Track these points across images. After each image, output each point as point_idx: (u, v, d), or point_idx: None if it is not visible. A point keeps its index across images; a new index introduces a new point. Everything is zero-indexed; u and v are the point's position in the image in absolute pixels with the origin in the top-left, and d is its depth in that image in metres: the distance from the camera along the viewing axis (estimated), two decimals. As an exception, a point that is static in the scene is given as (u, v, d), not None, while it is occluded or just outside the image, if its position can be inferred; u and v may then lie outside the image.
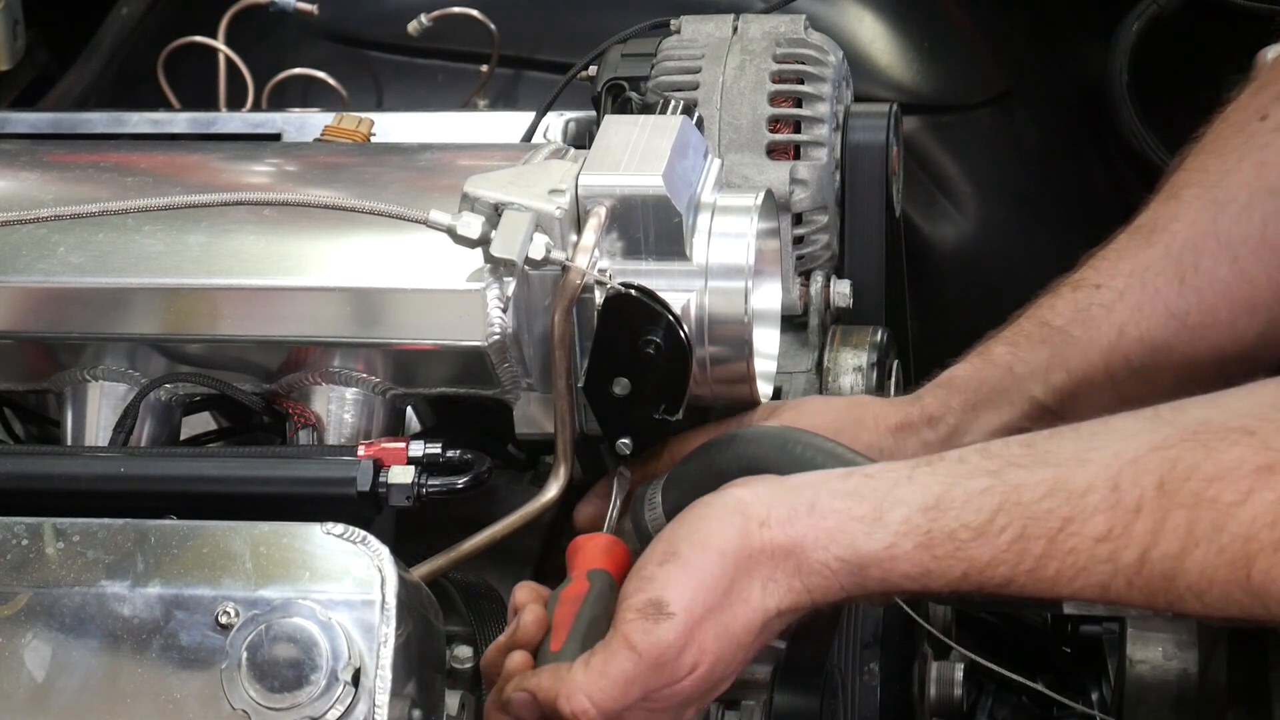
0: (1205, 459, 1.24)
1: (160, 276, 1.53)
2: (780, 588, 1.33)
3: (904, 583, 1.31)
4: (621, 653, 1.32)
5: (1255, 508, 1.21)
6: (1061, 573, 1.27)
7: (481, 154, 1.68)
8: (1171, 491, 1.24)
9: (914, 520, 1.30)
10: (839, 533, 1.31)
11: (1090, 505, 1.26)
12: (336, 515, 1.39)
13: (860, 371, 1.76)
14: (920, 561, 1.30)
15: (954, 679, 1.72)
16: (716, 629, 1.32)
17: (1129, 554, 1.25)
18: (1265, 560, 1.21)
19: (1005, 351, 1.60)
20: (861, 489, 1.32)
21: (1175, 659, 1.76)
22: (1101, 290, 1.57)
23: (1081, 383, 1.56)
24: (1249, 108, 1.56)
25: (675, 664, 1.32)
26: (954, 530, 1.29)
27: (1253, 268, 1.52)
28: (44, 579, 1.37)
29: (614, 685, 1.32)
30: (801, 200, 1.77)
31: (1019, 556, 1.28)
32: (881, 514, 1.31)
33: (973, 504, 1.29)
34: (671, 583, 1.32)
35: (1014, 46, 2.50)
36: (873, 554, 1.30)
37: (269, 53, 2.33)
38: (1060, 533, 1.27)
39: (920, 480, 1.31)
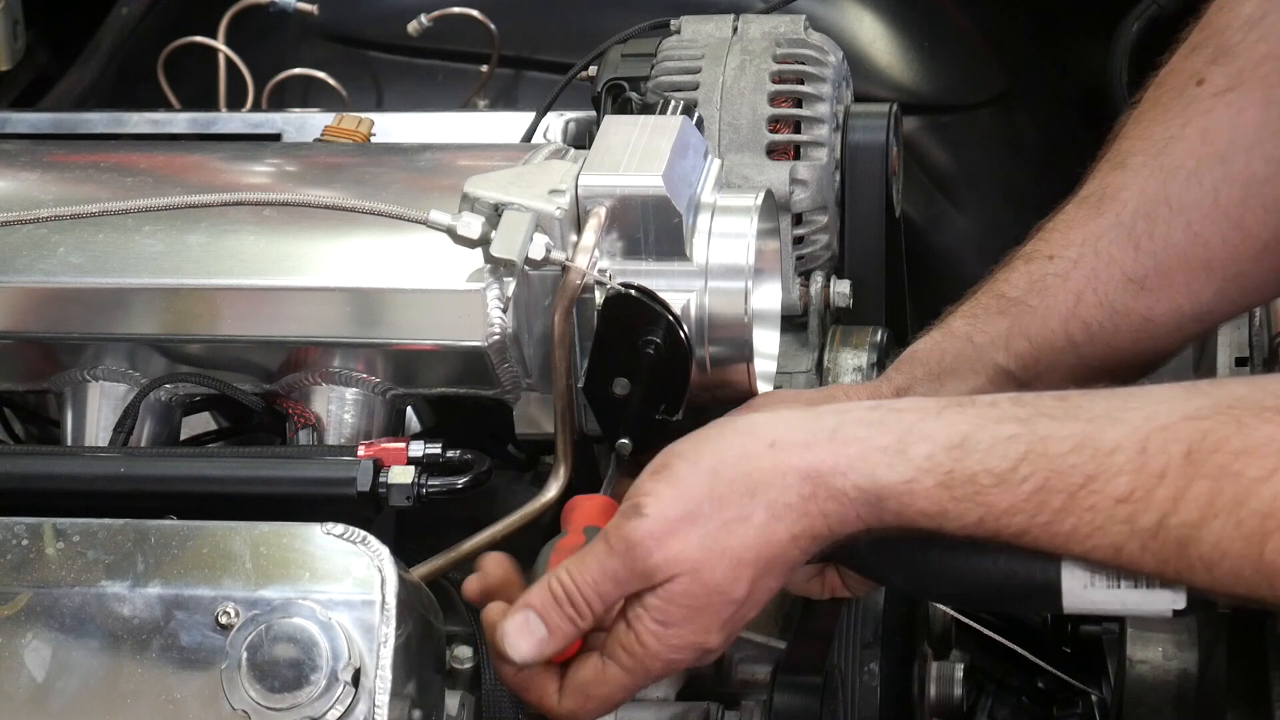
0: (1236, 433, 1.24)
1: (160, 276, 1.53)
2: (794, 512, 1.31)
3: (920, 519, 1.30)
4: (597, 544, 1.33)
5: (1278, 486, 1.21)
6: (1078, 529, 1.27)
7: (481, 154, 1.68)
8: (1198, 461, 1.24)
9: (937, 457, 1.29)
10: (860, 460, 1.30)
11: (1115, 465, 1.26)
12: (336, 515, 1.39)
13: (860, 371, 1.76)
14: (938, 500, 1.29)
15: (954, 679, 1.72)
16: (702, 539, 1.31)
17: (1147, 518, 1.25)
18: (1278, 540, 1.21)
19: (964, 324, 1.61)
20: (887, 420, 1.32)
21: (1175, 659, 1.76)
22: (1055, 260, 1.58)
23: (1043, 348, 1.58)
24: (1184, 71, 1.57)
25: (648, 561, 1.31)
26: (976, 473, 1.28)
27: (1206, 231, 1.53)
28: (44, 579, 1.37)
29: (588, 568, 1.33)
30: (801, 200, 1.77)
31: (1038, 508, 1.27)
32: (905, 447, 1.30)
33: (998, 449, 1.28)
34: (652, 490, 1.32)
35: (1014, 46, 2.50)
36: (891, 486, 1.29)
37: (269, 53, 2.33)
38: (1082, 489, 1.26)
39: (948, 418, 1.31)
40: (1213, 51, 1.55)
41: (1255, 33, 1.53)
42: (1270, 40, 1.52)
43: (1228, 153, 1.52)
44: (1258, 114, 1.52)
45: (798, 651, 1.51)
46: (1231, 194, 1.52)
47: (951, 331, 1.61)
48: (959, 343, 1.60)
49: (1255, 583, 1.23)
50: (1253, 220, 1.52)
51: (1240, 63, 1.53)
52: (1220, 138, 1.53)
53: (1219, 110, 1.53)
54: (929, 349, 1.61)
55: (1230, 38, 1.54)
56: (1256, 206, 1.52)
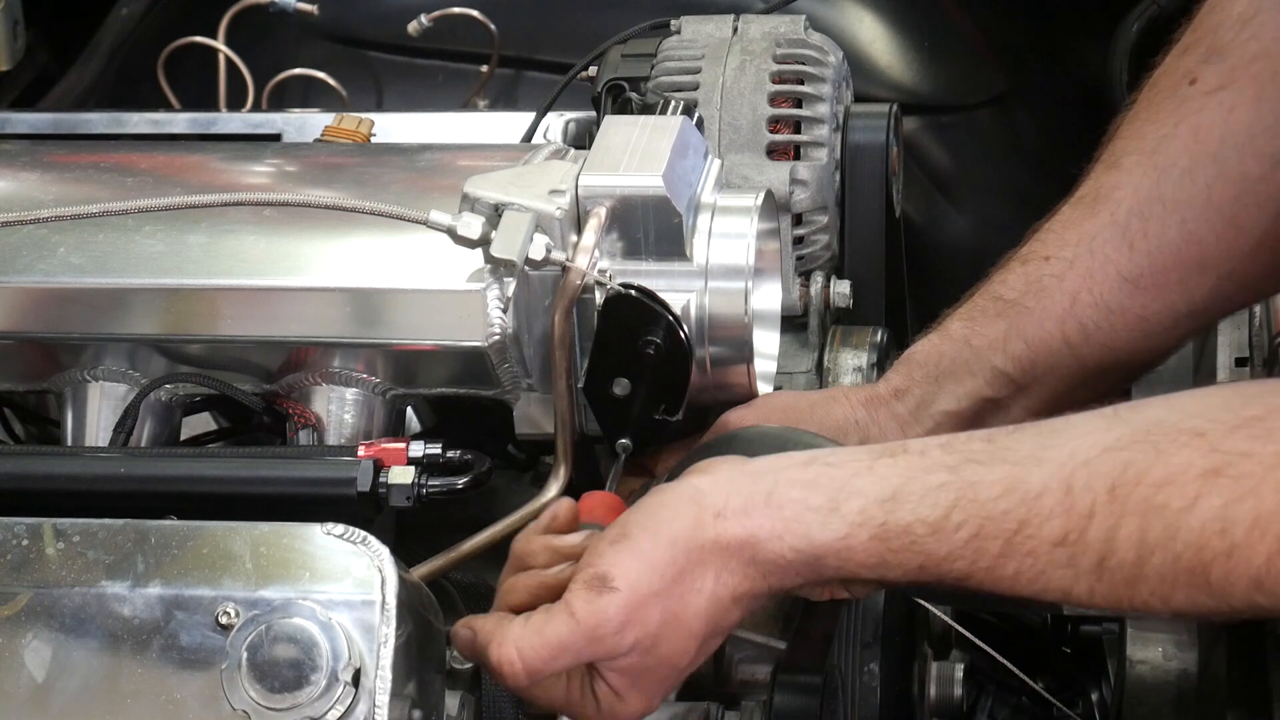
0: (1155, 461, 1.23)
1: (160, 277, 1.53)
2: (735, 576, 1.33)
3: (861, 571, 1.31)
4: (560, 617, 1.33)
5: (1203, 514, 1.21)
6: (1021, 573, 1.27)
7: (481, 154, 1.68)
8: (1123, 497, 1.23)
9: (870, 511, 1.30)
10: (795, 523, 1.31)
11: (1045, 508, 1.25)
12: (337, 515, 1.39)
13: (860, 371, 1.76)
14: (876, 552, 1.30)
15: (954, 679, 1.72)
16: (663, 613, 1.32)
17: (1086, 559, 1.25)
18: (1220, 567, 1.21)
19: (961, 326, 1.61)
20: (820, 479, 1.32)
21: (1175, 659, 1.76)
22: (1051, 261, 1.58)
23: (1040, 350, 1.58)
24: (1176, 71, 1.57)
25: (614, 639, 1.32)
26: (909, 524, 1.29)
27: (1200, 229, 1.54)
28: (44, 579, 1.37)
29: (545, 645, 1.32)
30: (801, 200, 1.77)
31: (976, 554, 1.27)
32: (838, 504, 1.30)
33: (929, 499, 1.28)
34: (619, 561, 1.32)
35: (1014, 46, 2.50)
36: (828, 544, 1.30)
37: (269, 53, 2.33)
38: (1017, 534, 1.26)
39: (880, 471, 1.31)
40: (1205, 51, 1.55)
41: (1247, 31, 1.53)
42: (1262, 38, 1.52)
43: (1221, 150, 1.53)
44: (1250, 111, 1.52)
45: (798, 652, 1.51)
46: (1225, 191, 1.53)
47: (949, 334, 1.62)
48: (956, 345, 1.61)
49: (1214, 607, 1.23)
50: (1246, 217, 1.52)
51: (1232, 61, 1.53)
52: (1213, 136, 1.53)
53: (1211, 108, 1.54)
54: (927, 352, 1.62)
55: (1222, 36, 1.54)
56: (1250, 204, 1.52)
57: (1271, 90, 1.51)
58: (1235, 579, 1.21)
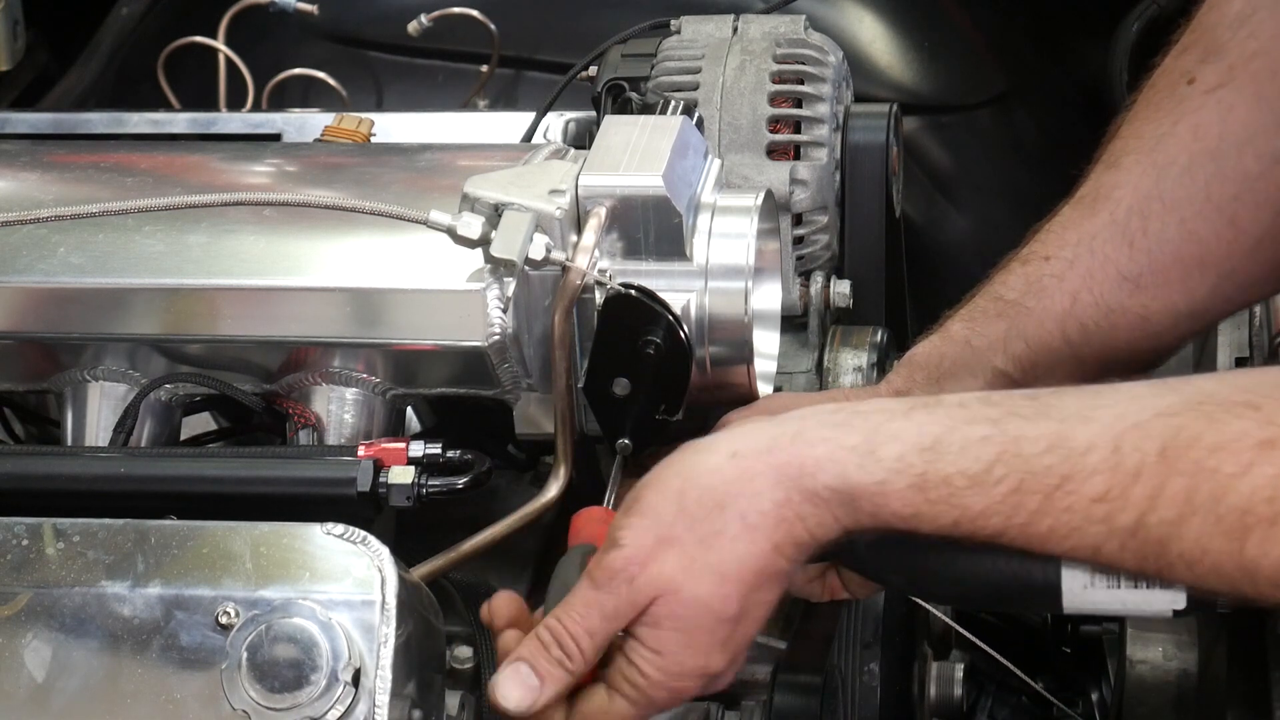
0: (1209, 429, 1.23)
1: (160, 277, 1.53)
2: (769, 519, 1.30)
3: (894, 520, 1.29)
4: (582, 583, 1.33)
5: (1255, 480, 1.21)
6: (1055, 529, 1.26)
7: (481, 154, 1.68)
8: (1173, 458, 1.23)
9: (908, 459, 1.28)
10: (828, 461, 1.29)
11: (1090, 465, 1.24)
12: (337, 515, 1.39)
13: (860, 371, 1.76)
14: (912, 502, 1.28)
15: (954, 679, 1.72)
16: (680, 560, 1.30)
17: (1125, 517, 1.24)
18: (1260, 534, 1.21)
19: (962, 327, 1.61)
20: (853, 421, 1.30)
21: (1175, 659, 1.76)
22: (1051, 261, 1.58)
23: (1040, 350, 1.58)
24: (1175, 71, 1.58)
25: (630, 588, 1.31)
26: (949, 476, 1.27)
27: (1200, 228, 1.54)
28: (44, 579, 1.37)
29: (573, 608, 1.33)
30: (801, 200, 1.77)
31: (1014, 509, 1.26)
32: (874, 447, 1.28)
33: (971, 451, 1.27)
34: (626, 523, 1.32)
35: (1014, 46, 2.50)
36: (864, 486, 1.28)
37: (269, 53, 2.33)
38: (1058, 490, 1.25)
39: (917, 419, 1.29)
40: (1203, 50, 1.55)
41: (1244, 30, 1.53)
42: (1259, 37, 1.53)
43: (1219, 149, 1.53)
44: (1248, 110, 1.52)
45: (798, 651, 1.51)
46: (1224, 190, 1.53)
47: (950, 335, 1.62)
48: (957, 346, 1.61)
49: (1237, 579, 1.23)
50: (1245, 216, 1.52)
51: (1230, 60, 1.53)
52: (1211, 134, 1.53)
53: (1210, 107, 1.54)
54: (927, 353, 1.62)
55: (1220, 36, 1.54)
56: (1249, 202, 1.52)
57: (1269, 88, 1.52)
58: (1271, 549, 1.20)
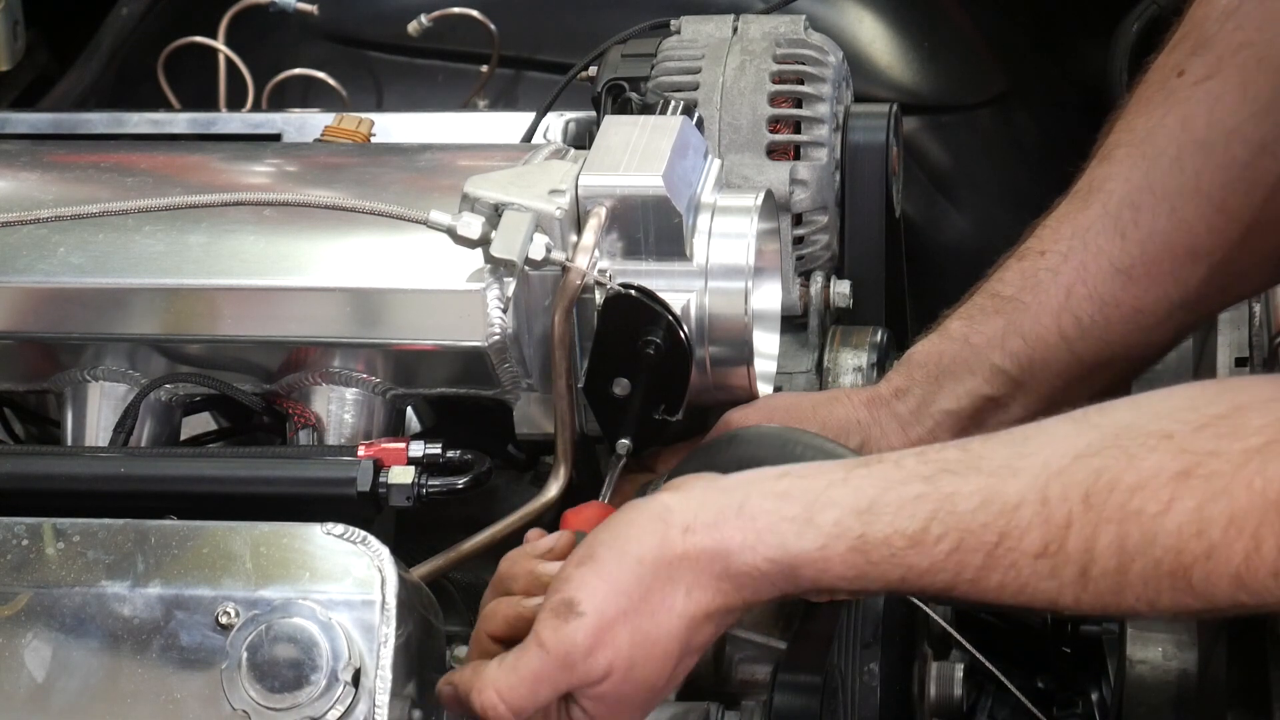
0: (1127, 467, 1.22)
1: (160, 277, 1.53)
2: (707, 592, 1.31)
3: (839, 583, 1.30)
4: (531, 649, 1.31)
5: (1179, 517, 1.21)
6: (1005, 585, 1.26)
7: (481, 154, 1.68)
8: (1098, 505, 1.23)
9: (846, 522, 1.28)
10: (769, 533, 1.29)
11: (1023, 520, 1.24)
12: (337, 515, 1.39)
13: (860, 371, 1.76)
14: (855, 564, 1.28)
15: (954, 679, 1.72)
16: (633, 634, 1.31)
17: (1069, 570, 1.24)
18: (1201, 569, 1.21)
19: (960, 325, 1.62)
20: (793, 490, 1.31)
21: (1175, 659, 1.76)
22: (1046, 256, 1.59)
23: (1037, 346, 1.58)
24: (1166, 65, 1.58)
25: (586, 664, 1.30)
26: (888, 536, 1.27)
27: (1190, 217, 1.54)
28: (44, 579, 1.37)
29: (522, 682, 1.31)
30: (801, 200, 1.77)
31: (959, 567, 1.26)
32: (813, 515, 1.29)
33: (906, 510, 1.27)
34: (584, 584, 1.31)
35: (1014, 46, 2.50)
36: (804, 554, 1.28)
37: (269, 53, 2.33)
38: (998, 547, 1.25)
39: (854, 483, 1.30)
40: (1192, 44, 1.56)
41: (1231, 22, 1.54)
42: (1246, 28, 1.53)
43: (1208, 138, 1.53)
44: (1236, 99, 1.53)
45: (798, 651, 1.51)
46: (1214, 178, 1.53)
47: (949, 334, 1.62)
48: (956, 345, 1.61)
49: (1200, 607, 1.23)
50: (1235, 204, 1.53)
51: (1218, 51, 1.54)
52: (1200, 124, 1.54)
53: (1198, 98, 1.55)
54: (926, 351, 1.62)
55: (1208, 29, 1.55)
56: (1239, 190, 1.53)
57: (1256, 77, 1.52)
58: (1217, 579, 1.21)
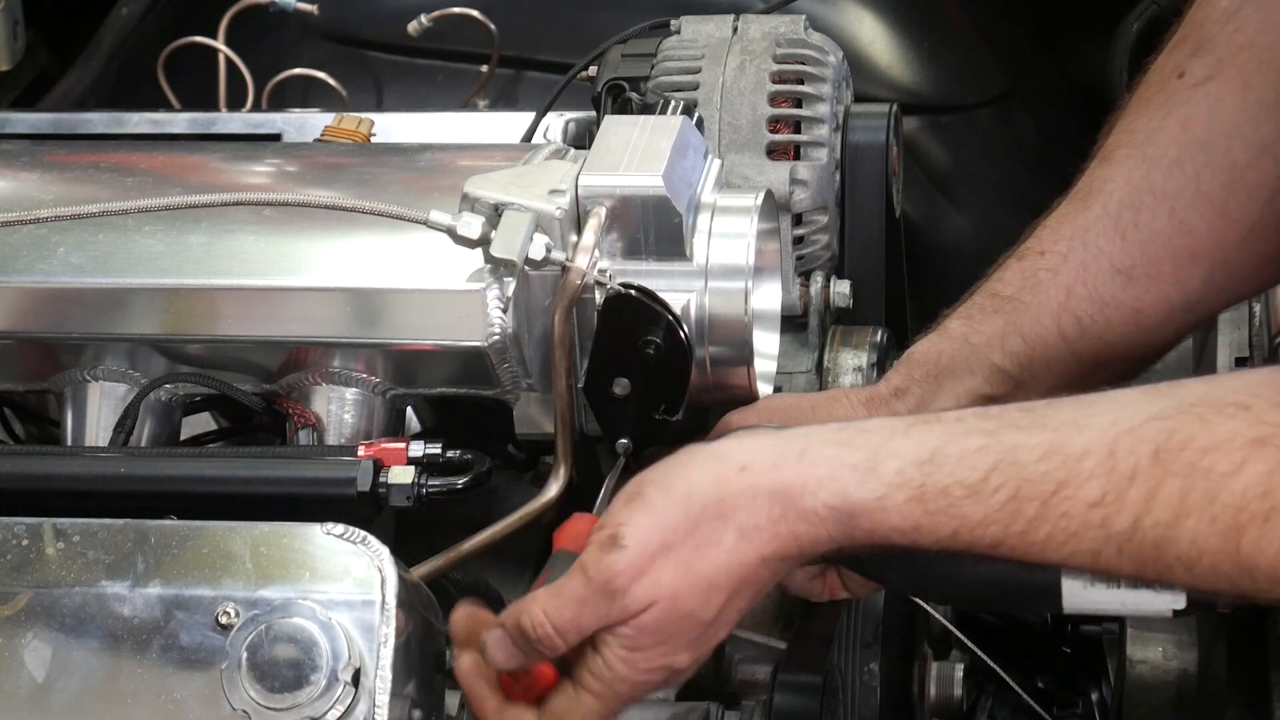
0: (1201, 430, 1.24)
1: (160, 277, 1.53)
2: (764, 534, 1.31)
3: (893, 535, 1.30)
4: (575, 576, 1.32)
5: (1247, 478, 1.22)
6: (1053, 536, 1.27)
7: (481, 154, 1.68)
8: (1167, 460, 1.24)
9: (908, 473, 1.29)
10: (830, 479, 1.30)
11: (1086, 470, 1.25)
12: (337, 515, 1.39)
13: (860, 371, 1.76)
14: (911, 515, 1.29)
15: (954, 679, 1.72)
16: (676, 567, 1.31)
17: (1121, 520, 1.25)
18: (1255, 531, 1.21)
19: (960, 325, 1.62)
20: (855, 440, 1.31)
21: (1175, 659, 1.76)
22: (1046, 256, 1.59)
23: (1037, 346, 1.59)
24: (1166, 67, 1.59)
25: (627, 595, 1.31)
26: (948, 486, 1.28)
27: (1191, 218, 1.55)
28: (44, 579, 1.37)
29: (566, 604, 1.32)
30: (801, 200, 1.77)
31: (1011, 517, 1.27)
32: (875, 464, 1.30)
33: (968, 461, 1.28)
34: (630, 520, 1.32)
35: (1014, 46, 2.50)
36: (863, 503, 1.29)
37: (269, 53, 2.33)
38: (1054, 495, 1.26)
39: (916, 435, 1.31)
40: (1193, 45, 1.56)
41: (1232, 24, 1.54)
42: (1246, 30, 1.53)
43: (1208, 140, 1.54)
44: (1236, 101, 1.53)
45: (798, 651, 1.51)
46: (1214, 180, 1.53)
47: (948, 333, 1.62)
48: (955, 344, 1.61)
49: (1235, 577, 1.23)
50: (1235, 206, 1.53)
51: (1218, 53, 1.54)
52: (1200, 126, 1.54)
53: (1198, 100, 1.55)
54: (926, 351, 1.62)
55: (1208, 30, 1.55)
56: (1239, 191, 1.53)
57: (1257, 80, 1.52)
58: (1266, 546, 1.21)
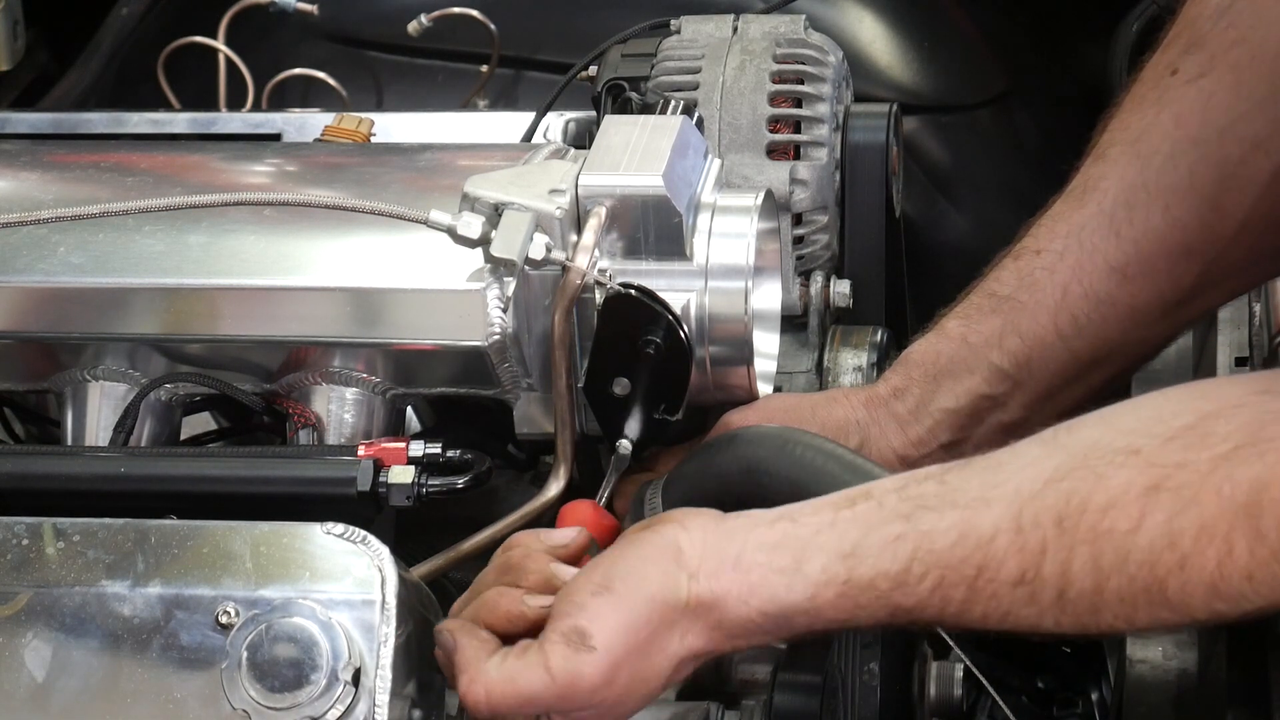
0: (1096, 487, 1.24)
1: (160, 276, 1.53)
2: (700, 638, 1.33)
3: (831, 626, 1.32)
4: (535, 669, 1.32)
5: (1151, 532, 1.22)
6: (989, 615, 1.28)
7: (481, 154, 1.68)
8: (1070, 528, 1.24)
9: (832, 569, 1.30)
10: (761, 586, 1.31)
11: (1000, 551, 1.26)
12: (337, 515, 1.39)
13: (860, 371, 1.75)
14: (844, 608, 1.30)
15: (954, 679, 1.72)
16: (631, 673, 1.32)
17: (1047, 594, 1.25)
18: (1175, 580, 1.22)
19: (957, 325, 1.62)
20: (785, 540, 1.32)
21: (1175, 659, 1.76)
22: (1042, 255, 1.59)
23: (1034, 344, 1.59)
24: (1160, 64, 1.59)
25: (584, 697, 1.32)
26: (872, 579, 1.29)
27: (1184, 215, 1.54)
28: (44, 579, 1.37)
29: (516, 694, 1.32)
30: (801, 200, 1.77)
31: (943, 602, 1.28)
32: (800, 564, 1.31)
33: (888, 552, 1.29)
34: (599, 616, 1.32)
35: (1014, 46, 2.50)
36: (795, 604, 1.31)
37: (269, 53, 2.33)
38: (977, 579, 1.27)
39: (840, 527, 1.31)
40: (1186, 42, 1.57)
41: (1224, 20, 1.54)
42: (1239, 26, 1.53)
43: (1201, 136, 1.54)
44: (1229, 97, 1.53)
45: (798, 651, 1.51)
46: (1207, 176, 1.53)
47: (946, 333, 1.62)
48: (954, 344, 1.61)
49: (1177, 620, 1.24)
50: (1229, 201, 1.53)
51: (1211, 50, 1.54)
52: (1193, 122, 1.54)
53: (1192, 96, 1.55)
54: (924, 351, 1.62)
55: (1201, 27, 1.56)
56: (1232, 187, 1.53)
57: (1249, 75, 1.52)
58: (1192, 590, 1.22)
